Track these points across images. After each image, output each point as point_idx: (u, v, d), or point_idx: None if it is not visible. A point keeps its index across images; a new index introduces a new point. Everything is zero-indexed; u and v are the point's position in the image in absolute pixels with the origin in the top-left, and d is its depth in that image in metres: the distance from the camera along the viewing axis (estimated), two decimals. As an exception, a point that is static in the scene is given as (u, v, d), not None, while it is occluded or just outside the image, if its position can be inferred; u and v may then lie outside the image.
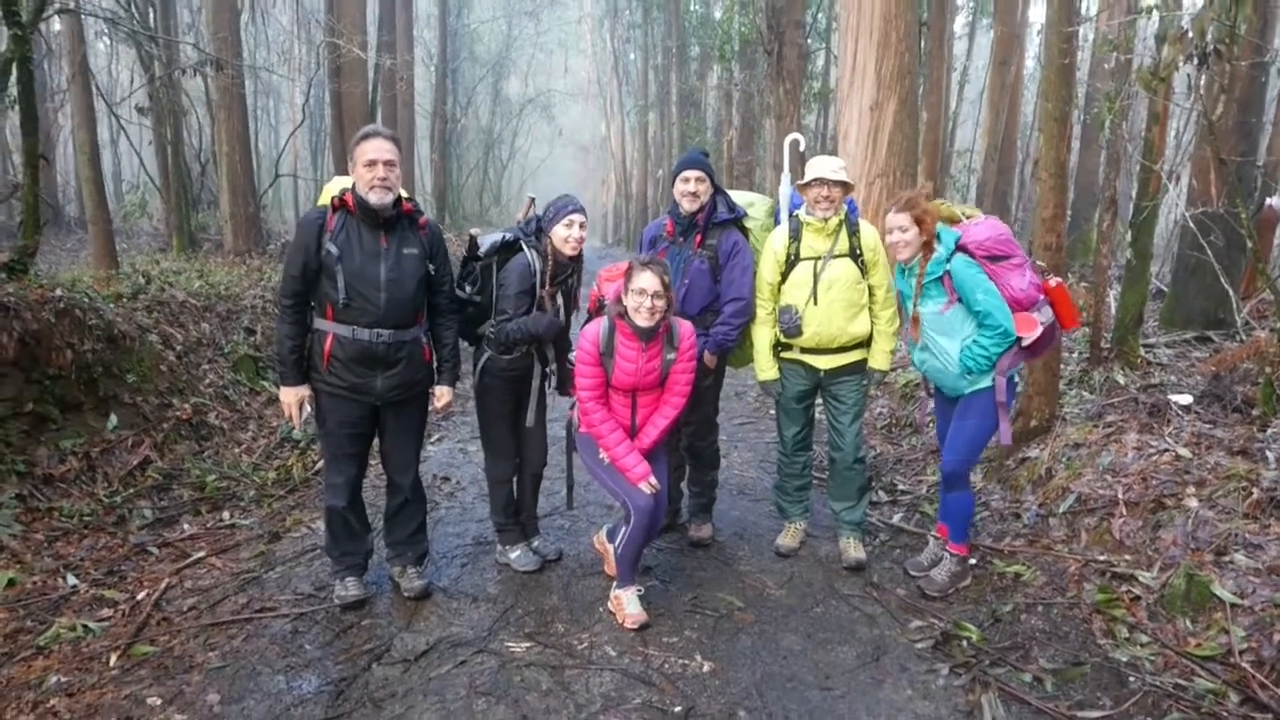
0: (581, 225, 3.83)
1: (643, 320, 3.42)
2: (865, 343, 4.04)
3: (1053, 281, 3.69)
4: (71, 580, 3.89)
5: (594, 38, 34.28)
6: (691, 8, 22.58)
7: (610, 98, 34.40)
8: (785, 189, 4.33)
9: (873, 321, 4.01)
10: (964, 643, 3.38)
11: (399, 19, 18.28)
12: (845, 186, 3.89)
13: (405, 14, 18.66)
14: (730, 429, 6.79)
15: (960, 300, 3.57)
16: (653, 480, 3.53)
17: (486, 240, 3.95)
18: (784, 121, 12.60)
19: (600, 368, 3.52)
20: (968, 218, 3.75)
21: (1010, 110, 12.10)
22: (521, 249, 3.84)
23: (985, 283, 3.54)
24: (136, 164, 17.90)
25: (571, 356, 3.74)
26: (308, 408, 3.61)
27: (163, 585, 3.88)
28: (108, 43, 17.75)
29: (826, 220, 3.88)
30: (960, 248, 3.58)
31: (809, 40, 13.64)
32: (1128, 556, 3.66)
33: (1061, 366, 5.43)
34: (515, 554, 4.18)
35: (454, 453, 6.25)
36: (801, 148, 4.99)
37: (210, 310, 7.41)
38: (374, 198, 3.38)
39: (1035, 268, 3.68)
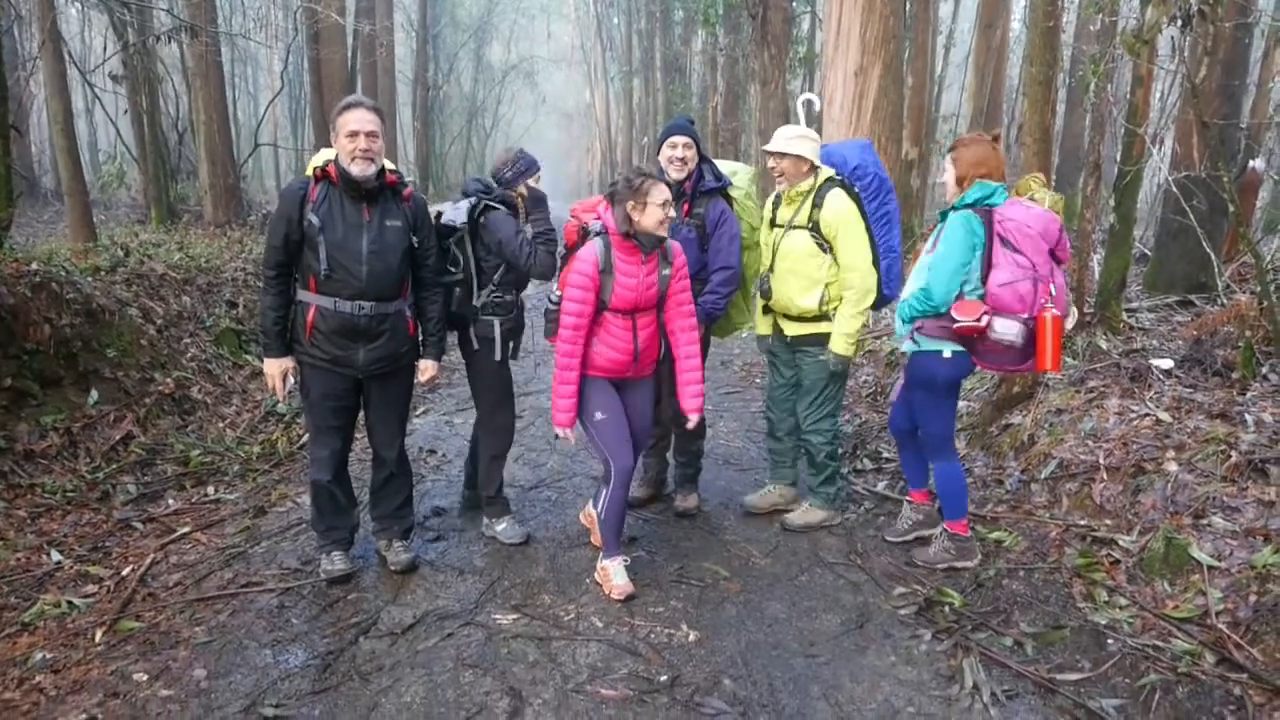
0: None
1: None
2: (827, 317, 4.03)
3: (1049, 313, 3.34)
4: (55, 556, 3.87)
5: (577, 1, 33.76)
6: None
7: (594, 64, 34.00)
8: None
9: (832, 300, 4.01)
10: (946, 608, 3.42)
11: (378, -17, 17.98)
12: (796, 159, 3.89)
13: (384, -22, 18.33)
14: (716, 398, 6.80)
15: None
16: (567, 433, 3.57)
17: (452, 212, 3.94)
18: (769, 87, 12.48)
19: (595, 290, 3.43)
20: (1036, 200, 3.50)
21: (995, 74, 12.03)
22: (493, 207, 3.84)
23: (956, 246, 3.41)
24: (114, 134, 17.59)
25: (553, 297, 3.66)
26: (291, 379, 3.59)
27: (148, 561, 3.87)
28: (80, 8, 17.32)
29: (788, 191, 3.99)
30: (980, 210, 3.43)
31: (794, 4, 13.48)
32: (1108, 521, 3.70)
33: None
34: (502, 526, 4.19)
35: (439, 425, 6.24)
36: (816, 108, 4.94)
37: (190, 283, 7.33)
38: (356, 169, 3.34)
39: (1048, 291, 3.36)
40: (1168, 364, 4.81)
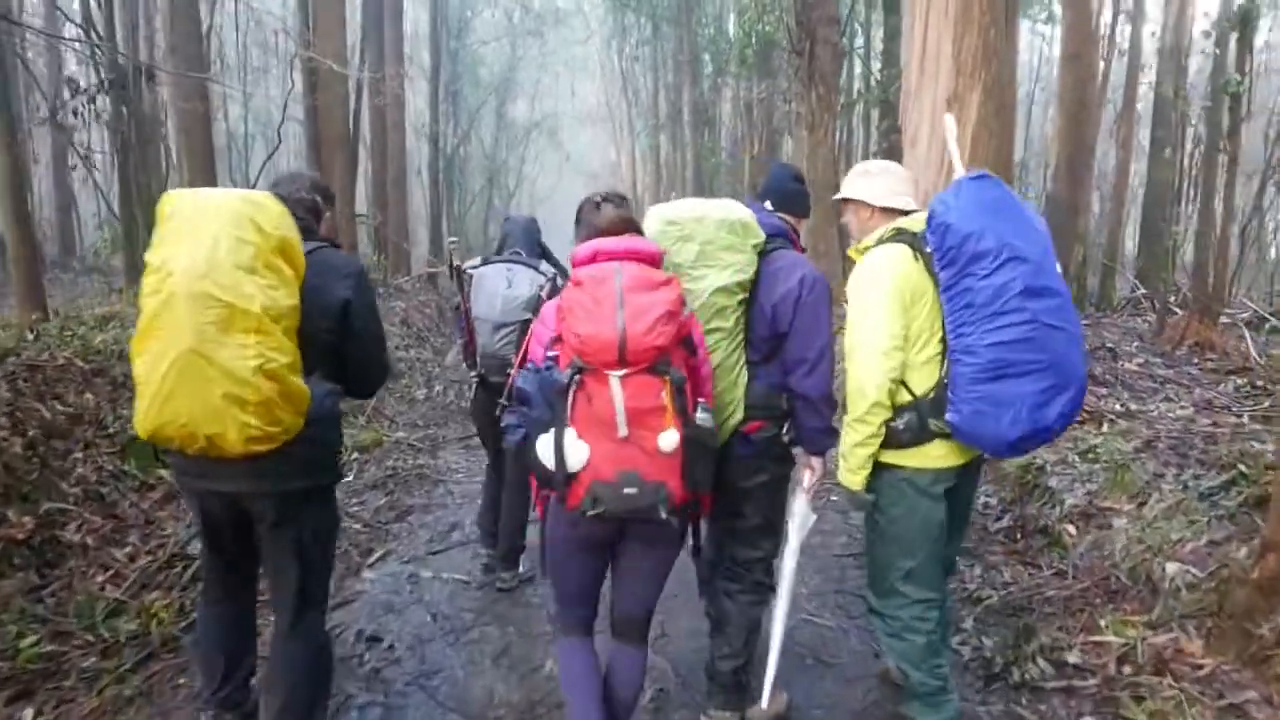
0: None
1: None
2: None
3: None
4: None
5: (602, 58, 32.86)
6: (704, 22, 21.05)
7: (619, 121, 32.92)
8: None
9: None
10: None
11: (388, 34, 16.81)
12: (855, 205, 2.85)
13: (395, 29, 17.17)
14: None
15: None
16: None
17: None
18: (817, 133, 10.91)
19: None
20: None
21: (1081, 114, 10.38)
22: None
23: None
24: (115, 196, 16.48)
25: None
26: None
27: None
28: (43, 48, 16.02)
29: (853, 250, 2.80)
30: None
31: (845, 39, 12.01)
32: None
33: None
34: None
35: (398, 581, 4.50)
36: (954, 129, 3.26)
37: (103, 374, 5.74)
38: None
39: None
40: None
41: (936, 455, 2.58)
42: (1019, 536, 4.50)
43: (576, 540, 2.41)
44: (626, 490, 2.14)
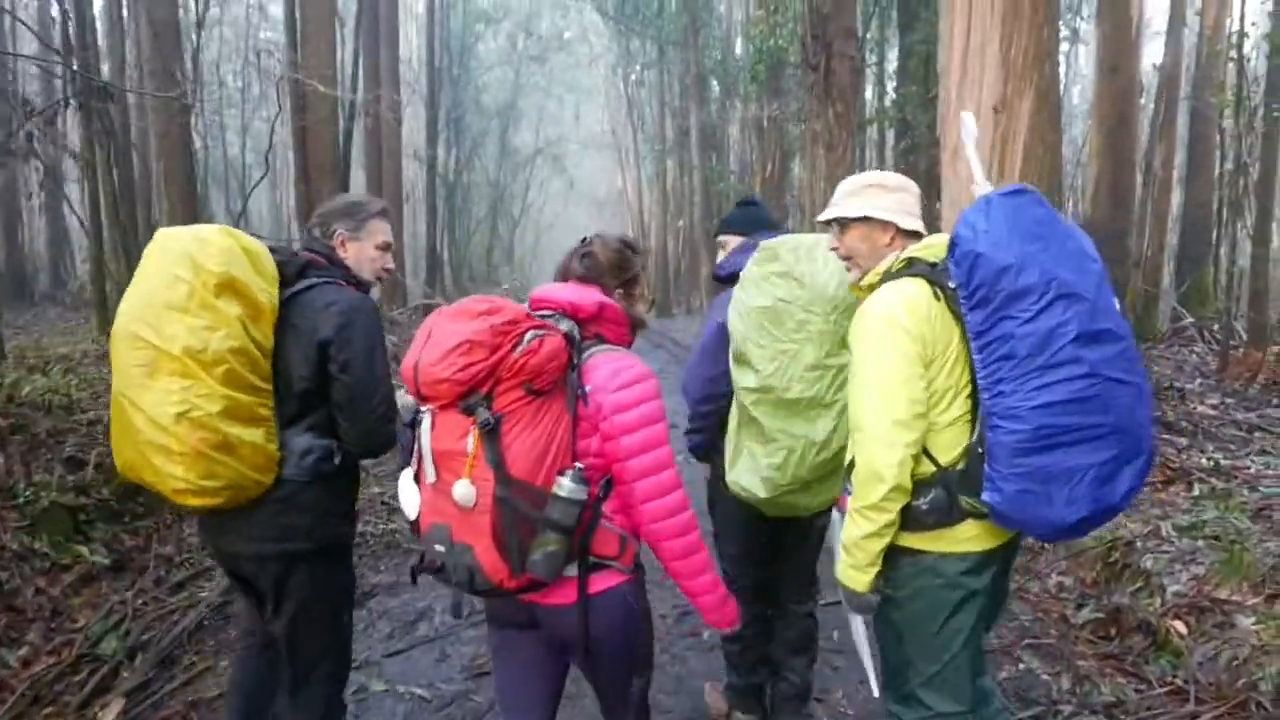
0: None
1: None
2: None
3: None
4: None
5: (606, 83, 32.39)
6: (711, 44, 20.47)
7: (625, 147, 32.36)
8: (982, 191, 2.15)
9: None
10: None
11: (383, 58, 16.23)
12: (864, 225, 2.22)
13: (390, 53, 16.61)
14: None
15: None
16: None
17: None
18: (835, 151, 10.19)
19: None
20: None
21: (1121, 130, 9.61)
22: None
23: None
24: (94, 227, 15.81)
25: None
26: None
27: None
28: None
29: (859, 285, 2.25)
30: None
31: (864, 53, 11.33)
32: None
33: None
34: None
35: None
36: (973, 130, 2.57)
37: (23, 430, 4.97)
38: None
39: None
40: None
41: (968, 537, 2.05)
42: (1113, 634, 3.64)
43: (496, 630, 2.12)
44: (436, 547, 1.88)
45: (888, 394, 1.97)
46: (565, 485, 1.81)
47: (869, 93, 14.38)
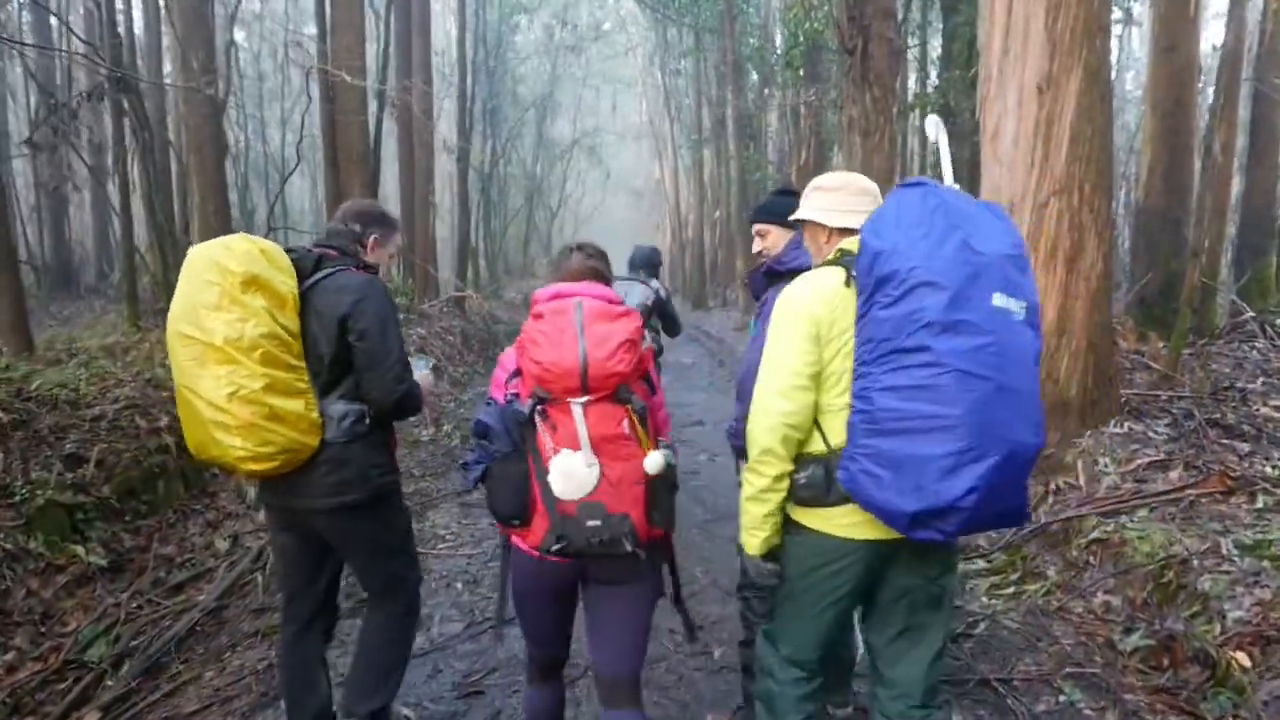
0: None
1: None
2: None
3: None
4: None
5: (644, 72, 32.04)
6: (748, 30, 20.05)
7: (662, 136, 32.00)
8: None
9: None
10: None
11: (415, 48, 16.11)
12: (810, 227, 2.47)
13: (423, 44, 16.47)
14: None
15: None
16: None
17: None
18: (872, 138, 9.79)
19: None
20: None
21: (1178, 113, 9.08)
22: None
23: None
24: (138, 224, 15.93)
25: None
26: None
27: None
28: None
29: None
30: None
31: (904, 36, 10.89)
32: None
33: None
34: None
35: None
36: (934, 138, 2.78)
37: (25, 426, 4.87)
38: None
39: None
40: None
41: (845, 523, 2.14)
42: (1166, 664, 3.29)
43: (539, 584, 2.32)
44: (590, 523, 2.12)
45: (773, 367, 2.17)
46: (669, 455, 2.17)
47: (911, 79, 13.90)
